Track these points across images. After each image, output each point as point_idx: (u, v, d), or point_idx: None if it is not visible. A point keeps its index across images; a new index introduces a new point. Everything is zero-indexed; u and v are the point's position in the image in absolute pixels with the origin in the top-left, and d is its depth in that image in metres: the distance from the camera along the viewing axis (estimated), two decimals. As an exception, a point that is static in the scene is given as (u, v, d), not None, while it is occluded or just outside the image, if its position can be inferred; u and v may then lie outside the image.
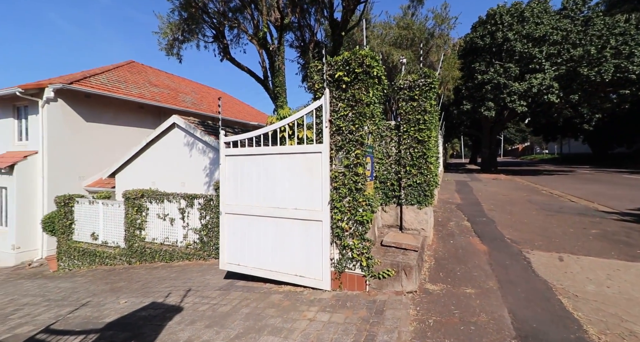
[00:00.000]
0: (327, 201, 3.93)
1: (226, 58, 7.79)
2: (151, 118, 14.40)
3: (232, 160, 4.72)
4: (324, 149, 3.97)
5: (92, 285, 6.12)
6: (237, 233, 4.63)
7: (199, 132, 8.33)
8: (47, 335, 3.69)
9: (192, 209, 7.10)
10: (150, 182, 9.07)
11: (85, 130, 11.67)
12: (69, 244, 8.64)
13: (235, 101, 24.49)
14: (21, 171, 10.42)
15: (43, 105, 10.63)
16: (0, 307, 5.47)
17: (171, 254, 7.17)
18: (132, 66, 17.19)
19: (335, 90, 4.02)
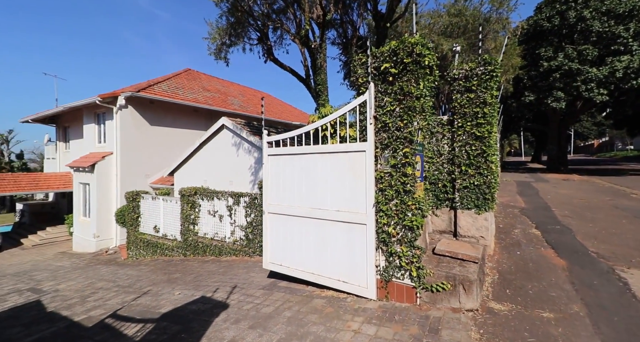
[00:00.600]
0: (371, 204, 3.68)
1: (270, 59, 7.96)
2: (204, 120, 15.51)
3: (274, 160, 4.72)
4: (368, 147, 3.72)
5: (153, 274, 6.72)
6: (279, 233, 4.63)
7: (245, 132, 8.64)
8: (114, 320, 4.09)
9: (238, 206, 7.39)
10: (203, 180, 9.71)
11: (150, 133, 13.01)
12: (136, 235, 9.68)
13: (278, 102, 25.22)
14: (100, 169, 12.00)
15: (117, 112, 12.09)
16: (81, 289, 6.31)
17: (220, 249, 7.55)
18: (189, 73, 18.69)
19: (380, 83, 3.73)
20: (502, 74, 18.34)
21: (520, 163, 35.91)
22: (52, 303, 5.52)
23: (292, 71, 8.44)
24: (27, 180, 15.26)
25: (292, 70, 8.39)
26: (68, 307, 5.10)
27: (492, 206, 4.61)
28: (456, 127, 4.77)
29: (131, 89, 12.18)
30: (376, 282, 3.65)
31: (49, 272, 8.85)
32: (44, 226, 16.04)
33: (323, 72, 7.82)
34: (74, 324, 4.19)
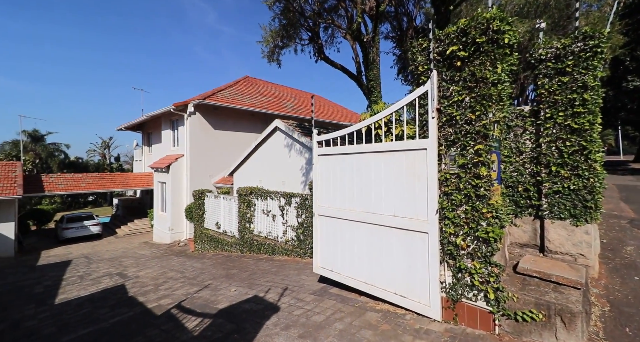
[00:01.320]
0: (434, 209, 3.20)
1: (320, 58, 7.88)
2: (260, 124, 16.33)
3: (324, 160, 4.53)
4: (430, 144, 3.25)
5: (214, 268, 7.19)
6: (329, 237, 4.42)
7: (297, 133, 8.72)
8: (178, 311, 4.39)
9: (290, 207, 7.45)
10: (258, 180, 10.14)
11: (213, 136, 14.20)
12: (201, 230, 10.60)
13: (329, 103, 25.26)
14: (174, 169, 13.52)
15: (187, 118, 13.48)
16: (156, 277, 7.08)
17: (273, 248, 7.72)
18: (247, 80, 19.92)
19: (446, 70, 3.22)
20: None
21: (619, 163, 29.41)
22: (133, 288, 6.29)
23: (343, 69, 8.22)
24: (121, 179, 18.12)
25: (343, 68, 8.17)
26: (144, 293, 5.73)
27: (595, 216, 3.65)
28: (543, 119, 3.93)
29: (198, 98, 13.44)
30: (441, 300, 3.15)
31: (133, 259, 10.25)
32: (133, 218, 18.83)
33: (375, 67, 7.40)
34: (147, 311, 4.63)
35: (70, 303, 5.84)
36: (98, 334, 3.91)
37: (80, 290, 6.76)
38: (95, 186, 16.56)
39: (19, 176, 13.45)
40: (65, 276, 8.38)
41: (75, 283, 7.53)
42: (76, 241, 15.33)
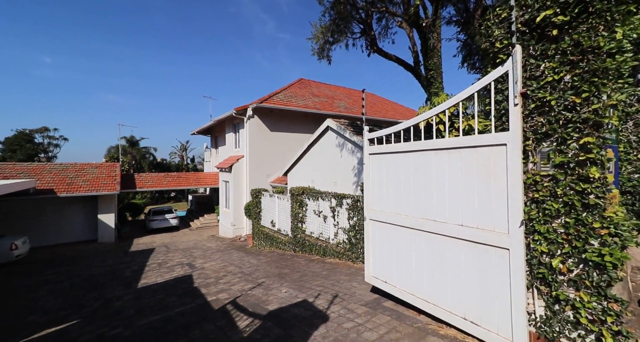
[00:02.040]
0: (518, 220, 2.54)
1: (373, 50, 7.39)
2: (313, 124, 16.46)
3: (376, 159, 4.12)
4: (511, 138, 2.59)
5: (268, 266, 7.38)
6: (382, 244, 4.00)
7: (348, 132, 8.40)
8: (232, 307, 4.52)
9: (341, 208, 7.18)
10: (310, 180, 10.14)
11: (269, 138, 14.82)
12: (258, 228, 11.11)
13: (382, 100, 24.19)
14: (235, 169, 14.54)
15: (246, 121, 14.34)
16: (217, 270, 7.59)
17: (324, 249, 7.57)
18: (301, 83, 20.35)
19: (534, 44, 2.53)
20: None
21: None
22: (198, 279, 6.83)
23: (398, 60, 7.58)
24: (193, 178, 20.36)
25: (398, 59, 7.53)
26: (206, 285, 6.15)
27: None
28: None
29: (256, 102, 14.17)
30: (529, 336, 2.49)
31: (201, 251, 11.29)
32: (203, 213, 20.98)
33: (436, 55, 6.60)
34: (206, 303, 4.91)
35: (149, 288, 6.62)
36: (165, 321, 4.26)
37: (157, 277, 7.65)
38: (174, 184, 18.93)
39: (117, 175, 16.12)
40: (147, 263, 9.65)
41: (154, 270, 8.58)
42: (159, 232, 17.72)
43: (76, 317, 5.20)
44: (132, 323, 4.35)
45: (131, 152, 39.51)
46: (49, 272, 9.20)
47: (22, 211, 13.60)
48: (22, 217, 13.62)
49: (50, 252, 12.63)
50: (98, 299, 6.19)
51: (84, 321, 4.83)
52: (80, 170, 15.72)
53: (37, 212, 14.12)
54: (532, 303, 2.49)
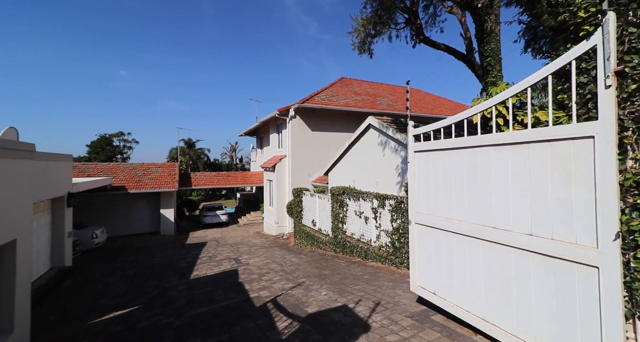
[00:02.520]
0: (612, 232, 2.04)
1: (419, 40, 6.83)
2: (355, 123, 16.12)
3: (423, 157, 3.76)
4: (603, 129, 2.08)
5: (308, 266, 7.38)
6: (430, 251, 3.65)
7: (391, 130, 7.98)
8: (272, 306, 4.57)
9: (383, 210, 6.84)
10: (352, 180, 9.92)
11: (310, 137, 14.94)
12: (299, 226, 11.26)
13: (429, 96, 22.73)
14: (278, 169, 14.96)
15: (289, 121, 14.66)
16: (260, 267, 7.83)
17: (366, 252, 7.30)
18: (342, 81, 20.14)
19: (637, 7, 2.00)
20: None
21: None
22: (242, 275, 7.12)
23: (448, 49, 6.91)
24: (240, 177, 21.57)
25: (447, 48, 6.86)
26: (249, 281, 6.37)
27: None
28: None
29: (298, 102, 14.38)
30: (623, 380, 1.99)
31: (247, 247, 11.84)
32: (250, 210, 22.09)
33: (494, 40, 5.84)
34: (248, 299, 5.06)
35: (199, 280, 7.11)
36: (210, 315, 4.48)
37: (207, 270, 8.19)
38: (223, 182, 20.29)
39: (176, 173, 17.78)
40: (200, 255, 10.43)
41: (205, 262, 9.22)
42: (211, 226, 19.11)
43: (138, 302, 5.78)
44: (183, 313, 4.67)
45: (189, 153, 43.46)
46: (120, 259, 10.50)
47: (100, 204, 15.78)
48: (100, 210, 15.81)
49: (121, 242, 14.44)
50: (157, 287, 6.83)
51: (144, 307, 5.35)
52: (146, 169, 17.70)
53: (112, 206, 16.27)
54: (635, 338, 1.98)
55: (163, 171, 17.87)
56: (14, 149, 3.42)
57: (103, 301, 6.25)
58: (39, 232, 7.77)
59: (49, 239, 8.39)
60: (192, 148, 45.01)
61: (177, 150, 33.87)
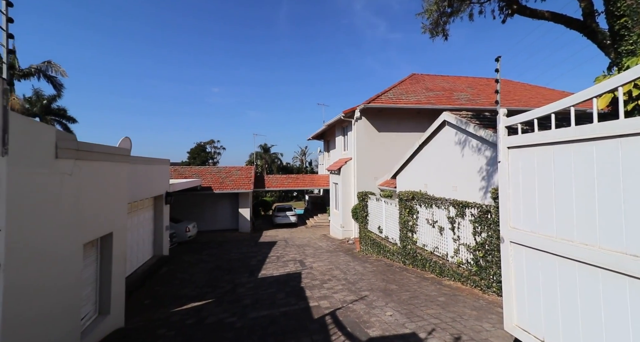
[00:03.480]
0: None
1: (513, 11, 5.43)
2: (427, 121, 14.59)
3: (522, 155, 2.88)
4: None
5: (373, 277, 6.82)
6: (535, 281, 2.74)
7: (472, 126, 6.77)
8: (330, 320, 4.25)
9: (462, 220, 5.79)
10: (423, 184, 8.90)
11: (377, 139, 14.23)
12: (365, 232, 10.71)
13: (522, 86, 19.10)
14: (344, 172, 14.72)
15: (354, 123, 14.30)
16: (324, 272, 7.64)
17: (441, 267, 6.32)
18: (413, 78, 18.73)
19: None
20: None
21: None
22: (305, 279, 7.04)
23: (555, 16, 5.34)
24: (308, 179, 22.19)
25: (554, 16, 5.32)
26: (311, 287, 6.21)
27: None
28: None
29: (364, 103, 13.89)
30: None
31: (313, 249, 11.91)
32: (317, 212, 22.51)
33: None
34: (307, 308, 4.86)
35: (265, 280, 7.34)
36: (269, 320, 4.44)
37: (274, 270, 8.45)
38: (293, 184, 21.21)
39: (252, 176, 19.38)
40: (269, 254, 10.94)
41: (273, 262, 9.59)
42: (281, 226, 20.13)
43: (212, 296, 6.26)
44: (245, 314, 4.77)
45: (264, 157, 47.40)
46: (205, 252, 11.86)
47: (192, 202, 18.29)
48: (192, 207, 18.32)
49: (207, 236, 16.40)
50: (229, 282, 7.34)
51: (215, 302, 5.73)
52: (228, 172, 19.82)
53: (201, 204, 18.69)
54: None
55: (241, 173, 19.71)
56: (109, 153, 4.00)
57: (186, 290, 7.02)
58: (144, 225, 9.35)
59: (152, 231, 10.03)
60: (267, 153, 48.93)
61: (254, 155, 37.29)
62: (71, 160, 3.01)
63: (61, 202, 2.85)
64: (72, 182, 3.04)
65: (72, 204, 3.03)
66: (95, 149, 3.51)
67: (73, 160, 3.05)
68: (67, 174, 2.95)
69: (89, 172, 3.40)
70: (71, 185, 3.03)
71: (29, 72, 17.64)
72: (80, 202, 3.21)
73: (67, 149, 2.90)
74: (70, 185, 3.01)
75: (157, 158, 9.82)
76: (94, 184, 3.56)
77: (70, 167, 3.00)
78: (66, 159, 2.92)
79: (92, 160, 3.44)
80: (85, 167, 3.31)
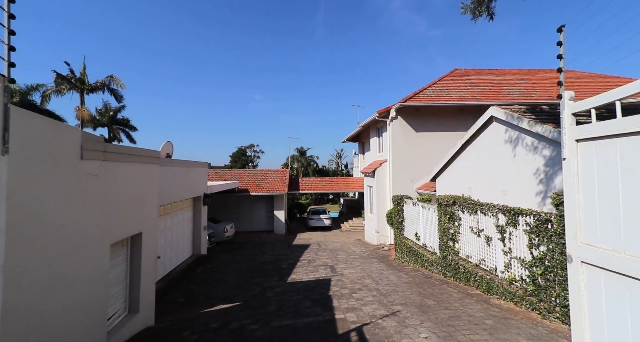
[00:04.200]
0: None
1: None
2: (471, 119, 13.32)
3: (598, 150, 2.24)
4: None
5: (408, 289, 6.23)
6: (617, 314, 2.08)
7: (526, 121, 5.85)
8: (356, 337, 3.86)
9: (515, 229, 4.97)
10: (466, 187, 8.01)
11: (414, 139, 13.37)
12: (400, 239, 10.02)
13: (589, 76, 16.55)
14: (378, 174, 14.09)
15: (389, 123, 13.62)
16: (354, 280, 7.22)
17: (489, 283, 5.51)
18: (455, 73, 17.40)
19: None
20: None
21: None
22: (334, 287, 6.70)
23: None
24: (343, 182, 21.82)
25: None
26: (339, 297, 5.85)
27: None
28: None
29: (400, 101, 13.18)
30: None
31: (345, 254, 11.50)
32: (352, 216, 21.97)
33: None
34: (332, 321, 4.52)
35: (294, 285, 7.16)
36: (291, 331, 4.20)
37: (304, 275, 8.24)
38: (327, 187, 21.03)
39: (286, 178, 19.62)
40: (301, 258, 10.80)
41: (304, 266, 9.40)
42: (316, 229, 20.00)
43: (240, 298, 6.24)
44: (268, 322, 4.59)
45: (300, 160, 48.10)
46: (239, 253, 12.15)
47: (231, 203, 19.03)
48: (231, 208, 19.05)
49: (245, 237, 16.88)
50: (259, 285, 7.30)
51: (242, 306, 5.67)
52: (264, 175, 20.33)
53: (239, 206, 19.36)
54: None
55: (276, 176, 20.07)
56: (139, 154, 4.12)
57: (218, 290, 7.13)
58: (184, 225, 9.86)
59: (191, 231, 10.55)
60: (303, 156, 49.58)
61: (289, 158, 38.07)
62: (97, 161, 3.12)
63: (87, 202, 2.94)
64: (98, 182, 3.14)
65: (98, 205, 3.14)
66: (124, 151, 3.64)
67: (99, 161, 3.15)
68: (93, 175, 3.05)
69: (117, 173, 3.52)
70: (97, 185, 3.14)
71: (96, 86, 20.13)
72: (108, 202, 3.32)
73: (92, 151, 3.00)
74: (96, 185, 3.11)
75: (195, 161, 10.33)
76: (123, 185, 3.69)
77: (97, 168, 3.11)
78: (92, 160, 3.02)
79: (120, 161, 3.56)
80: (113, 168, 3.42)
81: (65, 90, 18.77)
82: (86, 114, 20.11)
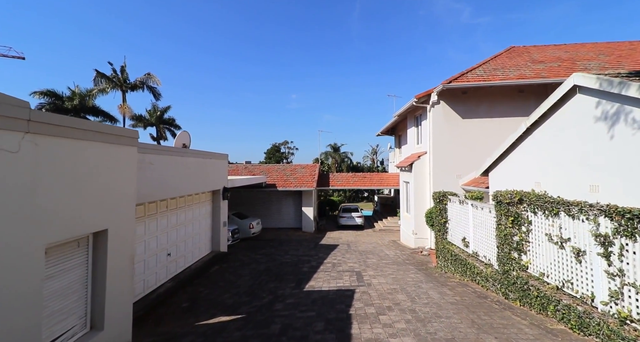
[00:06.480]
0: None
1: None
2: (534, 101, 11.04)
3: None
4: None
5: (456, 314, 4.72)
6: None
7: (636, 87, 3.97)
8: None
9: (630, 241, 3.25)
10: (533, 182, 6.16)
11: (461, 127, 11.41)
12: (443, 244, 8.35)
13: None
14: (416, 168, 12.35)
15: (429, 110, 11.81)
16: (384, 295, 5.88)
17: (581, 318, 3.82)
18: (512, 51, 14.81)
19: None
20: None
21: None
22: (357, 302, 5.45)
23: None
24: (377, 178, 20.18)
25: None
26: (361, 318, 4.60)
27: None
28: None
29: (443, 83, 11.31)
30: None
31: (377, 258, 10.10)
32: (387, 215, 20.27)
33: None
34: (348, 357, 3.32)
35: (310, 295, 6.06)
36: (290, 369, 3.09)
37: (324, 282, 7.10)
38: (359, 183, 19.59)
39: (316, 174, 18.61)
40: (325, 261, 9.67)
41: (327, 271, 8.26)
42: (347, 228, 18.73)
43: (245, 309, 5.31)
44: None
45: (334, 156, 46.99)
46: (261, 251, 11.40)
47: (259, 199, 18.59)
48: (259, 204, 18.61)
49: (272, 234, 16.25)
50: (271, 292, 6.34)
51: (242, 321, 4.72)
52: (293, 170, 19.58)
53: (267, 201, 18.85)
54: None
55: (306, 171, 19.18)
56: (97, 131, 3.26)
57: (226, 295, 6.32)
58: (200, 220, 9.31)
59: (210, 227, 10.01)
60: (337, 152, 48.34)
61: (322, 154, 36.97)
62: (17, 133, 2.31)
63: (3, 190, 2.13)
64: (20, 162, 2.34)
65: (19, 192, 2.34)
66: (67, 123, 2.82)
67: (21, 133, 2.35)
68: (8, 152, 2.24)
69: (58, 152, 2.72)
70: (19, 167, 2.34)
71: (136, 85, 21.10)
72: (41, 190, 2.53)
73: (3, 117, 2.19)
74: (16, 166, 2.31)
75: (213, 152, 9.69)
76: (72, 169, 2.90)
77: (15, 142, 2.30)
78: (4, 130, 2.21)
79: (64, 137, 2.76)
80: (51, 145, 2.63)
81: (109, 88, 19.88)
82: (128, 110, 21.19)
